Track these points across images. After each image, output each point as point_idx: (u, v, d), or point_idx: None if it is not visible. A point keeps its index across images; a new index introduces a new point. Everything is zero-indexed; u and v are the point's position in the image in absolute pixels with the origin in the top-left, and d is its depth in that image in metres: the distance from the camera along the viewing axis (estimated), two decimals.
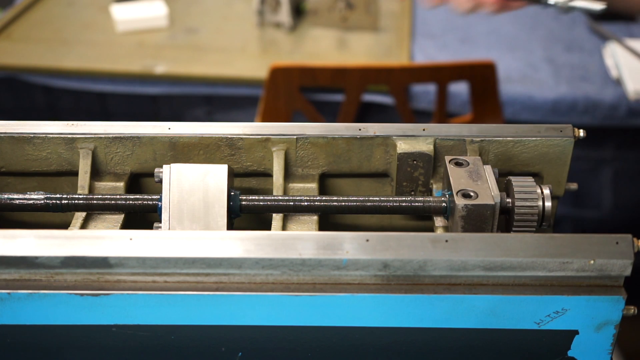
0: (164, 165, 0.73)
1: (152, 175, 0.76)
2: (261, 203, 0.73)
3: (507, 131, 0.79)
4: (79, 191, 0.78)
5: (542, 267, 0.62)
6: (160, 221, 0.72)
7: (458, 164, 0.74)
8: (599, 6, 1.39)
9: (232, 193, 0.72)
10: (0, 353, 0.66)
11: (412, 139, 0.78)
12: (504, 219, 0.72)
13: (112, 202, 0.74)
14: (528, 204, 0.70)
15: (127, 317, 0.64)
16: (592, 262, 0.62)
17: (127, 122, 0.79)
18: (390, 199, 0.74)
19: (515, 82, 2.09)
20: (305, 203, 0.74)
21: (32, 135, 0.78)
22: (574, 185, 0.82)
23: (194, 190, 0.71)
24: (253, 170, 0.80)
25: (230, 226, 0.72)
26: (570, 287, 0.64)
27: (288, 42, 2.10)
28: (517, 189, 0.71)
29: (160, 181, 0.72)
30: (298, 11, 2.23)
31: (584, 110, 2.02)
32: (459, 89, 2.07)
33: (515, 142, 0.79)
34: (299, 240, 0.63)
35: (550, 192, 0.71)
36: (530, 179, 0.71)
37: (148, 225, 0.73)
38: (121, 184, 0.80)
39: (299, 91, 1.85)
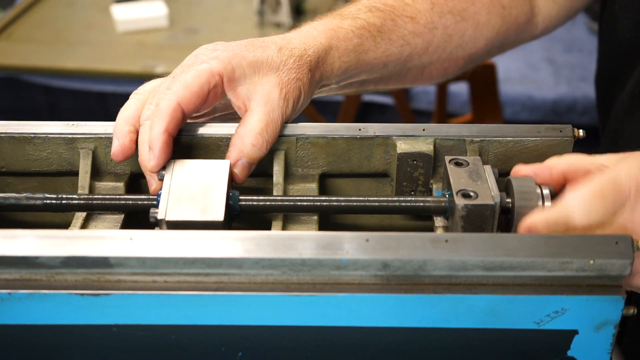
0: (169, 161, 0.73)
1: None
2: (261, 203, 0.73)
3: (507, 131, 0.79)
4: (79, 191, 0.78)
5: (542, 267, 0.62)
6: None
7: (458, 164, 0.74)
8: None
9: (231, 193, 0.72)
10: (0, 353, 0.66)
11: (412, 139, 0.78)
12: (504, 219, 0.72)
13: (112, 202, 0.74)
14: (528, 204, 0.70)
15: (127, 317, 0.64)
16: (591, 262, 0.62)
17: None
18: (390, 199, 0.74)
19: (515, 82, 2.09)
20: (305, 203, 0.74)
21: (32, 135, 0.78)
22: None
23: (195, 180, 0.71)
24: (253, 170, 0.80)
25: (229, 227, 0.72)
26: (570, 287, 0.64)
27: None
28: (517, 189, 0.71)
29: (163, 178, 0.73)
30: (298, 11, 2.23)
31: (583, 110, 2.02)
32: (459, 89, 2.08)
33: (515, 142, 0.79)
34: (299, 240, 0.63)
35: (550, 192, 0.71)
36: (530, 179, 0.71)
37: (148, 225, 0.73)
38: (121, 184, 0.80)
39: None
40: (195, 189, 0.71)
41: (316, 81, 0.82)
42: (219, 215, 0.69)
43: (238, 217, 0.73)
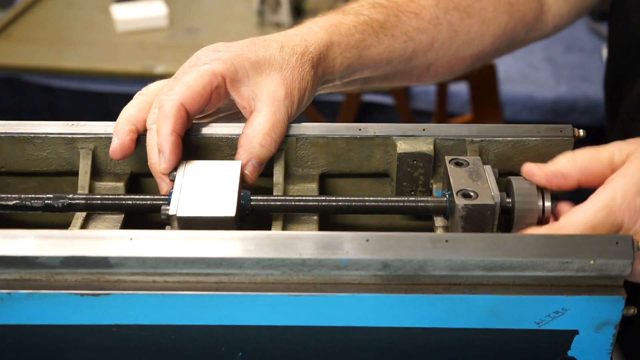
0: (180, 161, 0.73)
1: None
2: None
3: (507, 131, 0.79)
4: (79, 191, 0.78)
5: (542, 267, 0.62)
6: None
7: (458, 164, 0.74)
8: None
9: (242, 193, 0.72)
10: (0, 353, 0.66)
11: (412, 139, 0.78)
12: (504, 219, 0.72)
13: (112, 202, 0.74)
14: (528, 204, 0.70)
15: (127, 317, 0.64)
16: (592, 262, 0.62)
17: None
18: (390, 199, 0.74)
19: (515, 82, 2.09)
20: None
21: (32, 135, 0.78)
22: None
23: (207, 180, 0.72)
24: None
25: (239, 226, 0.72)
26: (570, 287, 0.64)
27: None
28: (517, 189, 0.71)
29: (174, 179, 0.72)
30: (298, 11, 2.23)
31: (584, 110, 2.02)
32: (459, 89, 2.08)
33: (515, 142, 0.79)
34: (299, 240, 0.63)
35: (550, 193, 0.71)
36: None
37: (148, 225, 0.73)
38: (121, 184, 0.80)
39: None
40: (206, 188, 0.71)
41: (319, 77, 0.82)
42: (230, 211, 0.69)
43: (247, 216, 0.73)
